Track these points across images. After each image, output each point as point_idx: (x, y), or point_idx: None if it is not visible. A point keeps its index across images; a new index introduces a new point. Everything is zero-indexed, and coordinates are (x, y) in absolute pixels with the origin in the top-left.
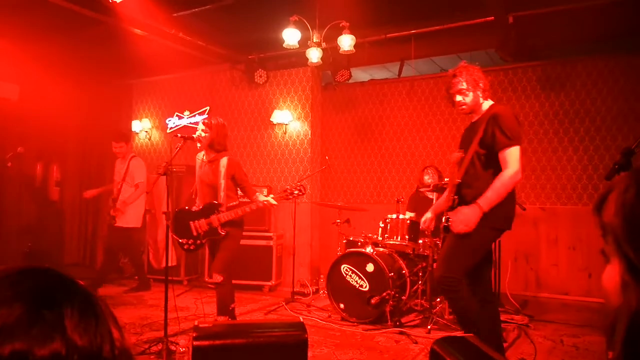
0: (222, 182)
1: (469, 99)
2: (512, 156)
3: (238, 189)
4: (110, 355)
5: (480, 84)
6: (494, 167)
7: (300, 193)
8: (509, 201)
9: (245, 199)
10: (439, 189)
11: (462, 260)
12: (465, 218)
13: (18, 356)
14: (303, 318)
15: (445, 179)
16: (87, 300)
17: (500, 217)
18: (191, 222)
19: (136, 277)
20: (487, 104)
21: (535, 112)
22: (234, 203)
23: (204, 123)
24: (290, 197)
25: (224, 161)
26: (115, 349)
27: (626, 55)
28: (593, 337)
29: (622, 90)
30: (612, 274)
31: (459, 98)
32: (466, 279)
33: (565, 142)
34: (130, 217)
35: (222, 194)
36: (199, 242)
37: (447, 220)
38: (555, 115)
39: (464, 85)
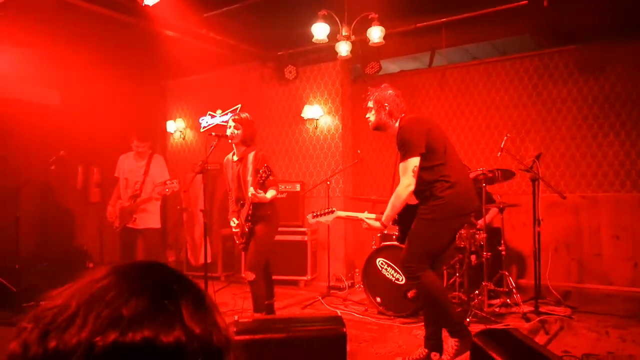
0: (249, 179)
1: (372, 116)
2: (404, 169)
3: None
4: (219, 343)
5: (386, 105)
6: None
7: (265, 175)
8: (444, 195)
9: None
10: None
11: (416, 250)
12: (370, 228)
13: (148, 342)
14: (340, 312)
15: (480, 168)
16: (198, 293)
17: (435, 209)
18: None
19: None
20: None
21: (574, 97)
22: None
23: (234, 120)
24: (262, 180)
25: (250, 157)
26: (222, 337)
27: None
28: None
29: None
30: None
31: (367, 115)
32: (427, 263)
33: (605, 127)
34: (158, 218)
35: (249, 190)
36: (243, 240)
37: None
38: (594, 100)
39: (370, 104)
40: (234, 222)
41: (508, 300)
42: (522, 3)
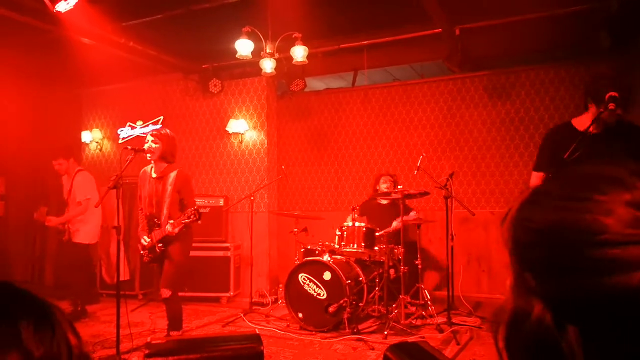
0: (167, 199)
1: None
2: None
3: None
4: None
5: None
6: None
7: (194, 218)
8: None
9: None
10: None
11: None
12: None
13: None
14: (261, 328)
15: (399, 186)
16: (42, 310)
17: None
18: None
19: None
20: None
21: (483, 120)
22: (173, 221)
23: (153, 134)
24: (187, 221)
25: (172, 175)
26: (74, 355)
27: (566, 65)
28: None
29: (562, 98)
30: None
31: (613, 108)
32: None
33: (511, 148)
34: (85, 233)
35: (164, 211)
36: (150, 254)
37: None
38: (501, 122)
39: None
40: (145, 240)
41: (424, 312)
42: (436, 31)
